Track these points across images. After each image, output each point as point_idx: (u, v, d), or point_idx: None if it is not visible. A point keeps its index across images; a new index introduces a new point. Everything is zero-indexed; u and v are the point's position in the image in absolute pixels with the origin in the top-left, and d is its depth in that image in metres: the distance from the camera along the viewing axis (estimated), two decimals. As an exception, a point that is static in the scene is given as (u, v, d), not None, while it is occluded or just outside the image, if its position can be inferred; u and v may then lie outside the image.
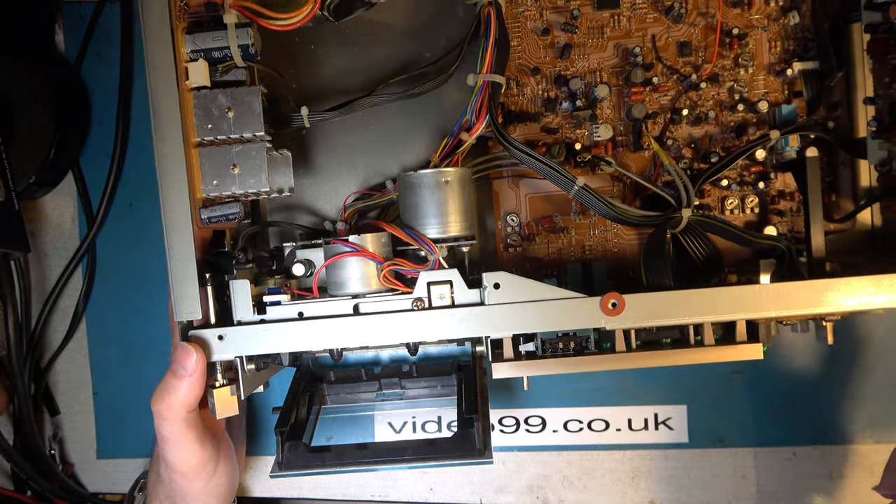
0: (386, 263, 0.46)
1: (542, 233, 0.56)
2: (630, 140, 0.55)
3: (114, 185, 0.62)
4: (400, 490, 0.63)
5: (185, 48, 0.45)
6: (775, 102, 0.53)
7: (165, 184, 0.45)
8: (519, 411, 0.62)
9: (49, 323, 0.65)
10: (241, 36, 0.45)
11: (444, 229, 0.48)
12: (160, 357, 0.64)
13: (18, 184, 0.56)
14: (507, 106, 0.55)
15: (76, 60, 0.62)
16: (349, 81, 0.57)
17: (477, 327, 0.45)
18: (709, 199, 0.55)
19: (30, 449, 0.62)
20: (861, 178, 0.52)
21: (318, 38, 0.57)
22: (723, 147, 0.54)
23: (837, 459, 0.61)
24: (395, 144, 0.58)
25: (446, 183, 0.47)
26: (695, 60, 0.54)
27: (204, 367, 0.44)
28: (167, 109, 0.44)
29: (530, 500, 0.63)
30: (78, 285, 0.64)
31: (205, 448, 0.47)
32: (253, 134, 0.46)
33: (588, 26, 0.54)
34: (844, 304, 0.43)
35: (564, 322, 0.44)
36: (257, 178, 0.47)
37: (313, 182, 0.58)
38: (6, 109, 0.57)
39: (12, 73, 0.57)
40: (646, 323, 0.44)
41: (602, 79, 0.55)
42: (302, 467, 0.47)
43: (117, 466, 0.59)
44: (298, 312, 0.46)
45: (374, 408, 0.62)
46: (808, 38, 0.53)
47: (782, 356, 0.60)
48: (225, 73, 0.48)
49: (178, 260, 0.44)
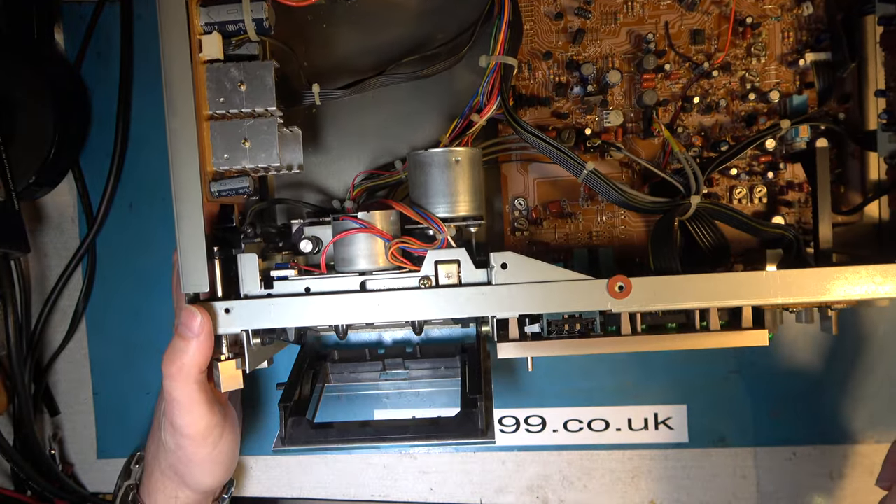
0: (394, 241, 0.46)
1: (550, 217, 0.56)
2: (640, 127, 0.55)
3: (114, 185, 0.62)
4: (400, 490, 0.64)
5: (199, 20, 0.45)
6: (787, 93, 0.53)
7: (176, 156, 0.45)
8: (519, 411, 0.63)
9: (49, 323, 0.65)
10: (256, 9, 0.45)
11: (454, 209, 0.48)
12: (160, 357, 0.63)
13: (18, 184, 0.56)
14: (518, 90, 0.55)
15: (76, 60, 0.62)
16: (361, 61, 0.57)
17: (483, 306, 0.45)
18: (717, 188, 0.55)
19: (30, 449, 0.62)
20: (870, 171, 0.52)
21: (331, 16, 0.57)
22: (733, 136, 0.54)
23: (837, 459, 0.61)
24: (405, 125, 0.58)
25: (457, 162, 0.48)
26: (707, 49, 0.54)
27: (210, 328, 0.44)
28: (180, 82, 0.44)
29: (530, 500, 0.63)
30: (78, 285, 0.64)
31: (213, 412, 0.47)
32: (265, 109, 0.46)
33: (601, 12, 0.54)
34: (851, 292, 0.43)
35: (571, 304, 0.44)
36: (268, 153, 0.47)
37: (322, 160, 0.58)
38: (6, 109, 0.57)
39: (12, 73, 0.57)
40: (652, 307, 0.44)
41: (614, 65, 0.55)
42: (305, 442, 0.47)
43: (117, 466, 0.60)
44: (305, 288, 0.46)
45: (378, 387, 0.62)
46: (822, 29, 0.53)
47: (783, 355, 0.60)
48: (238, 47, 0.48)
49: (187, 232, 0.44)
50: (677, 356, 0.61)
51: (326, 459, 0.64)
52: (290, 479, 0.64)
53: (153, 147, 0.62)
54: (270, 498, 0.65)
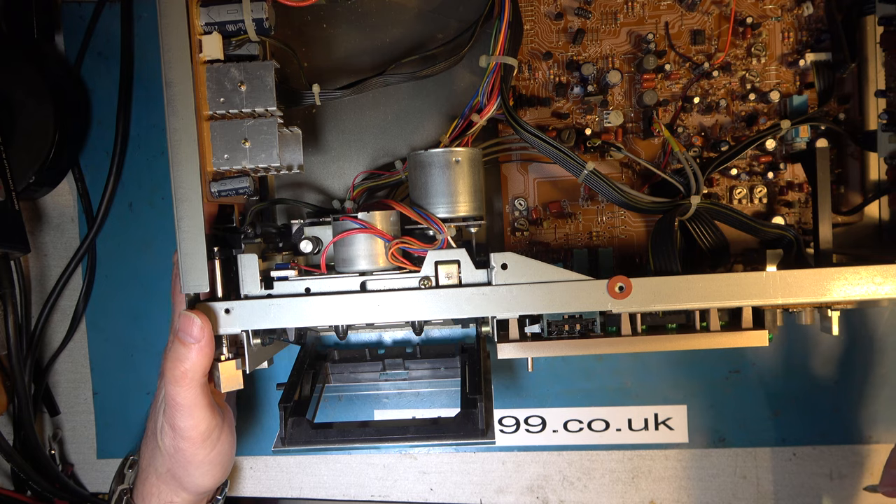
0: (394, 241, 0.46)
1: (550, 218, 0.56)
2: (640, 127, 0.55)
3: (114, 185, 0.62)
4: (400, 490, 0.63)
5: (199, 20, 0.45)
6: (787, 93, 0.53)
7: (176, 156, 0.45)
8: (519, 411, 0.62)
9: (49, 323, 0.65)
10: (256, 9, 0.45)
11: (454, 209, 0.48)
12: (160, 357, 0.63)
13: (18, 184, 0.56)
14: (518, 90, 0.55)
15: (76, 60, 0.62)
16: (360, 61, 0.57)
17: (484, 307, 0.45)
18: (717, 188, 0.55)
19: (30, 449, 0.62)
20: (870, 171, 0.52)
21: (331, 17, 0.57)
22: (733, 136, 0.54)
23: (837, 459, 0.61)
24: (405, 125, 0.58)
25: (457, 163, 0.48)
26: (707, 49, 0.54)
27: (210, 332, 0.44)
28: (180, 81, 0.44)
29: (530, 500, 0.63)
30: (78, 285, 0.64)
31: (214, 414, 0.47)
32: (265, 109, 0.46)
33: (601, 12, 0.54)
34: (851, 292, 0.43)
35: (571, 304, 0.44)
36: (268, 154, 0.47)
37: (322, 160, 0.58)
38: (6, 109, 0.57)
39: (12, 73, 0.57)
40: (652, 307, 0.44)
41: (614, 65, 0.54)
42: (305, 443, 0.47)
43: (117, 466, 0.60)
44: (305, 288, 0.46)
45: (378, 388, 0.62)
46: (822, 29, 0.53)
47: (783, 356, 0.60)
48: (238, 47, 0.48)
49: (187, 232, 0.44)
50: (677, 356, 0.61)
51: (326, 459, 0.64)
52: (290, 479, 0.64)
53: (153, 147, 0.62)
54: (270, 498, 0.65)
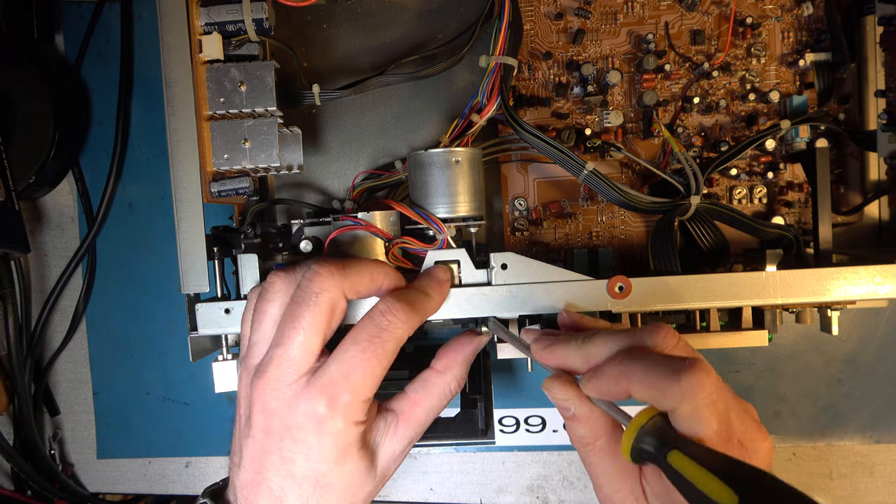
0: (394, 241, 0.46)
1: (550, 218, 0.56)
2: (640, 127, 0.55)
3: (114, 185, 0.62)
4: (400, 490, 0.63)
5: (199, 20, 0.46)
6: (787, 93, 0.53)
7: (176, 156, 0.45)
8: (519, 411, 0.62)
9: (49, 323, 0.65)
10: (256, 9, 0.45)
11: (453, 209, 0.48)
12: (160, 357, 0.64)
13: (18, 184, 0.56)
14: (518, 90, 0.55)
15: (76, 60, 0.62)
16: (360, 61, 0.57)
17: (484, 307, 0.45)
18: (717, 188, 0.55)
19: (30, 449, 0.62)
20: (870, 171, 0.52)
21: (331, 17, 0.57)
22: (733, 136, 0.54)
23: (837, 459, 0.61)
24: (405, 125, 0.58)
25: (457, 163, 0.48)
26: (707, 49, 0.54)
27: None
28: (180, 81, 0.44)
29: (530, 500, 0.63)
30: (78, 285, 0.64)
31: None
32: (265, 109, 0.46)
33: (601, 12, 0.54)
34: (851, 293, 0.43)
35: (571, 304, 0.44)
36: (268, 154, 0.47)
37: (322, 161, 0.58)
38: (6, 109, 0.57)
39: (12, 73, 0.57)
40: (652, 307, 0.44)
41: (614, 65, 0.54)
42: (305, 443, 0.47)
43: (117, 466, 0.59)
44: (305, 288, 0.46)
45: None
46: (822, 29, 0.53)
47: (783, 355, 0.60)
48: (238, 48, 0.48)
49: (187, 232, 0.45)
50: (677, 356, 0.61)
51: (326, 459, 0.64)
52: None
53: (153, 147, 0.62)
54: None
